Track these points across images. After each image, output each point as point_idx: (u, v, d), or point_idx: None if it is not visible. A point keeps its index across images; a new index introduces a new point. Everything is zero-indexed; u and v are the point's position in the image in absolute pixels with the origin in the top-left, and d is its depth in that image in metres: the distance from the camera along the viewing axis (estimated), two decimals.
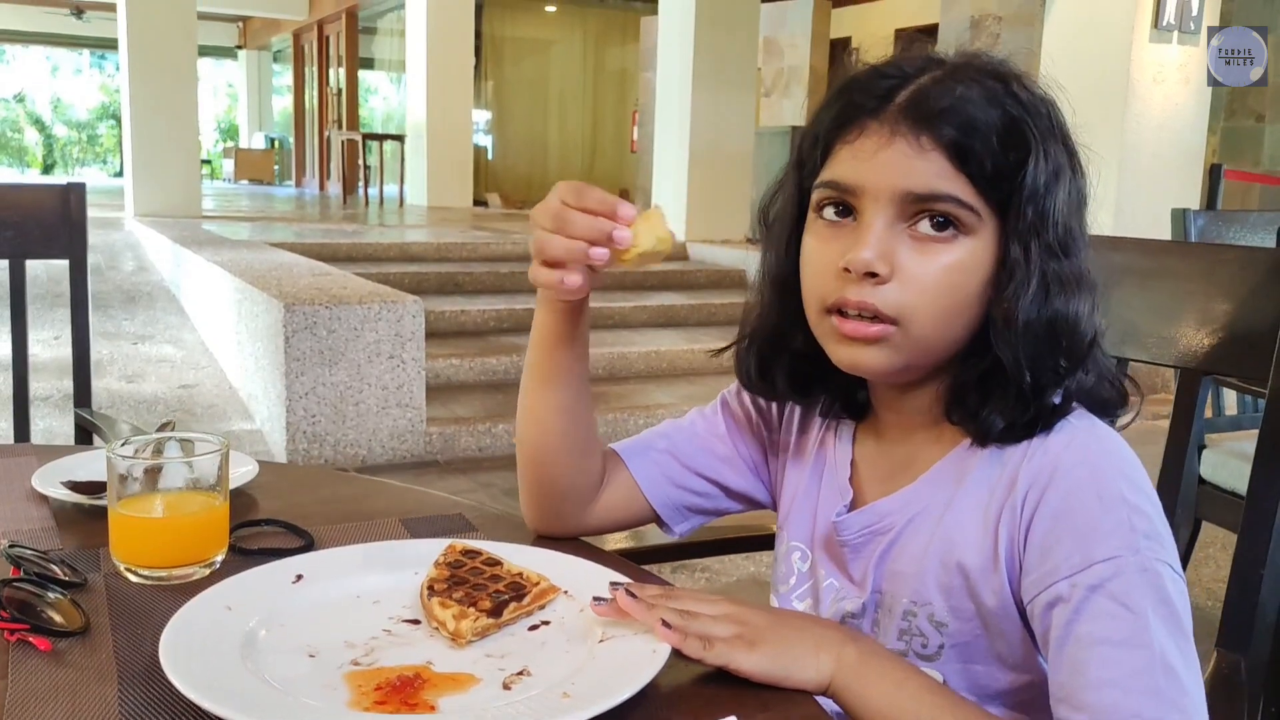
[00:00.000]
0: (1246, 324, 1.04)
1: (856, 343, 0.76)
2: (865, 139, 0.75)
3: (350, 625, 0.75)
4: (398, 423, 3.73)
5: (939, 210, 0.74)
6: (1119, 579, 0.69)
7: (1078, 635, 0.69)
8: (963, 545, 0.78)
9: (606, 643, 0.72)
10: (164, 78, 8.27)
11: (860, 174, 0.75)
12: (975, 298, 0.76)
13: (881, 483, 0.85)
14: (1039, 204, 0.74)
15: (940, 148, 0.73)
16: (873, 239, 0.74)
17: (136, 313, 6.12)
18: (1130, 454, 0.75)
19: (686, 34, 6.91)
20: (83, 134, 26.05)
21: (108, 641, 0.73)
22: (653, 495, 0.95)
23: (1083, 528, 0.71)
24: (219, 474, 0.86)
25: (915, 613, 0.80)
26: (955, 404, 0.79)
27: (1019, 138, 0.74)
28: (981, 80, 0.75)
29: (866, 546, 0.84)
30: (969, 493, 0.78)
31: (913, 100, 0.74)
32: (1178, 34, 5.27)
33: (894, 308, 0.74)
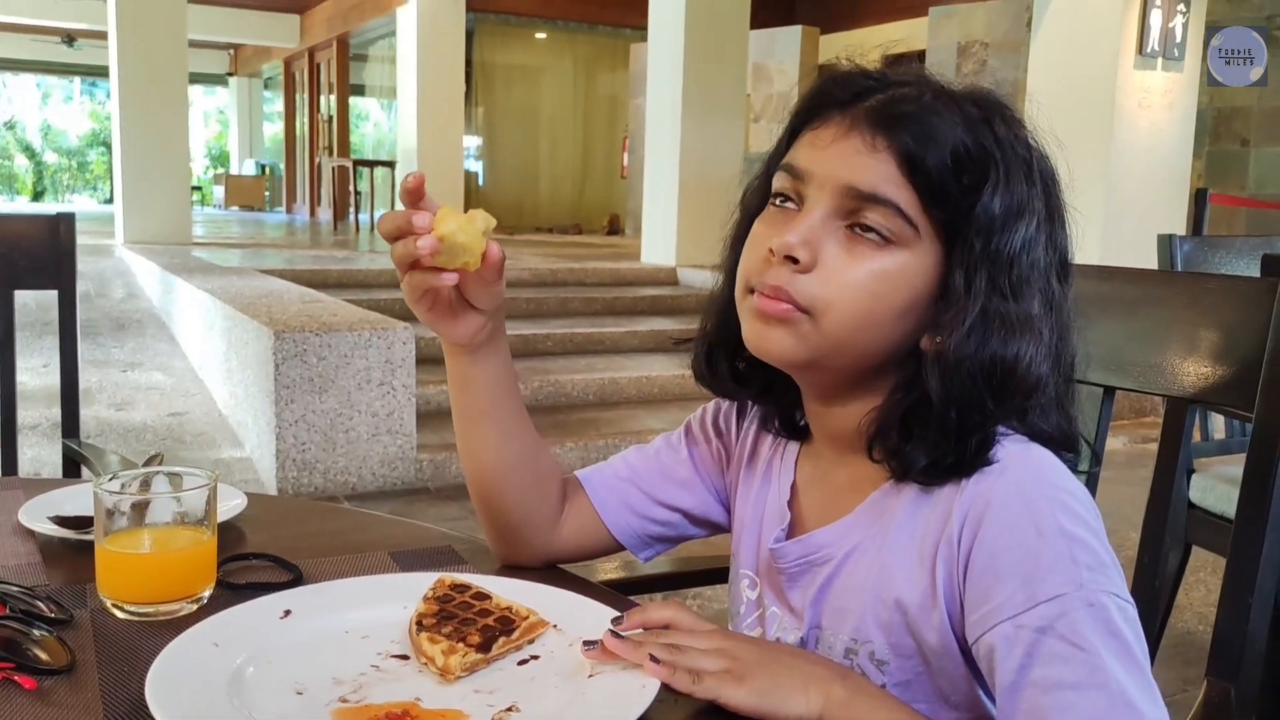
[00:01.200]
0: (1232, 352, 1.04)
1: (766, 321, 0.76)
2: (826, 128, 0.76)
3: (338, 661, 0.75)
4: (388, 450, 3.72)
5: (874, 215, 0.73)
6: (1066, 618, 0.67)
7: (1033, 680, 0.67)
8: (900, 581, 0.76)
9: (596, 678, 0.72)
10: (155, 105, 8.28)
11: (812, 160, 0.76)
12: (897, 313, 0.75)
13: (821, 508, 0.84)
14: (991, 238, 0.73)
15: (892, 151, 0.73)
16: (803, 226, 0.74)
17: (126, 340, 6.10)
18: (1070, 480, 0.74)
19: (676, 61, 6.96)
20: (73, 161, 26.05)
21: (93, 679, 0.73)
22: (614, 525, 0.96)
23: (1023, 564, 0.69)
24: (207, 508, 0.86)
25: (856, 650, 0.79)
26: (877, 437, 0.77)
27: (979, 164, 0.73)
28: (962, 105, 0.75)
29: (803, 576, 0.83)
30: (903, 526, 0.77)
31: (882, 103, 0.75)
32: (1162, 60, 5.33)
33: (806, 298, 0.74)
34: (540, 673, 0.74)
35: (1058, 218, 0.77)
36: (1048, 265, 0.76)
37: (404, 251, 0.78)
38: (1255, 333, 1.01)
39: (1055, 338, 0.76)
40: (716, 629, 0.75)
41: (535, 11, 12.49)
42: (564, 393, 4.61)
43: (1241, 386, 1.02)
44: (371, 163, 11.58)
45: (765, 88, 9.90)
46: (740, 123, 7.39)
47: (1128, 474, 3.59)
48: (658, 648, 0.71)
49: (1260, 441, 0.98)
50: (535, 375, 4.66)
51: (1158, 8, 5.23)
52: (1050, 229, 0.76)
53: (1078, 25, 5.36)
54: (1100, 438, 1.13)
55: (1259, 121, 8.72)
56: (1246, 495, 0.99)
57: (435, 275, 0.79)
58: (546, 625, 0.80)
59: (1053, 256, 0.76)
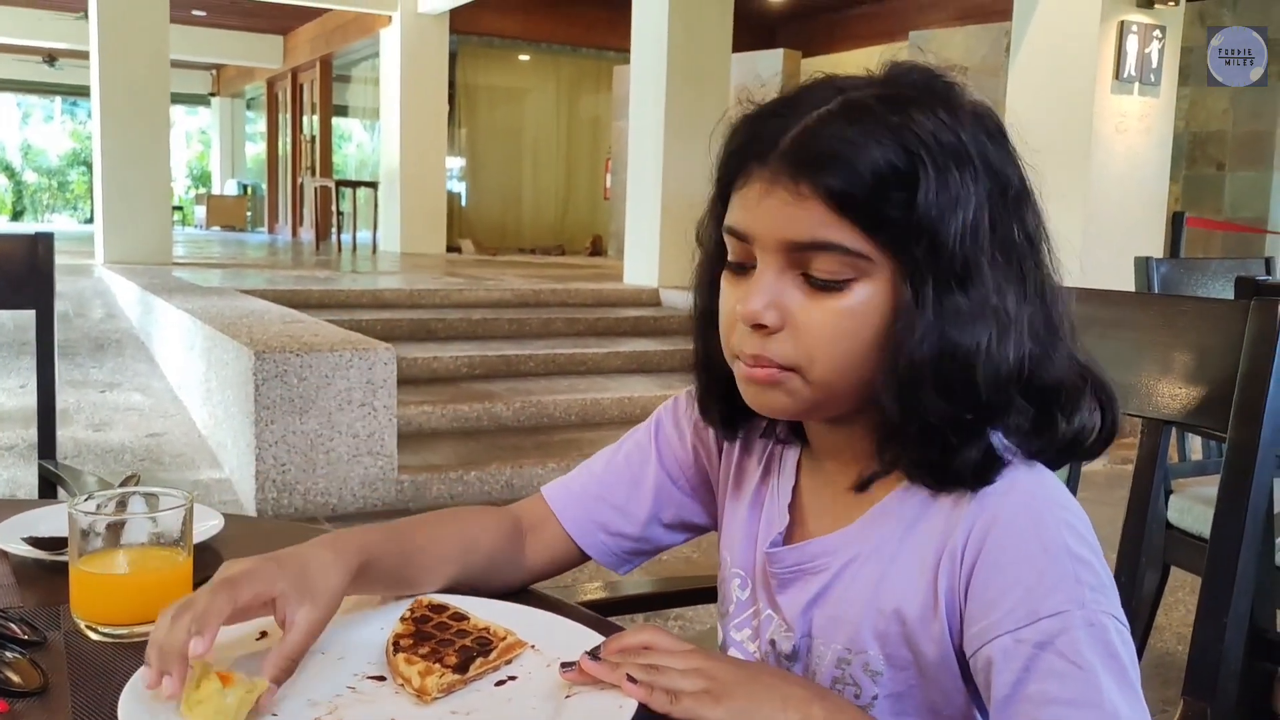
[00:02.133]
0: (1206, 374, 1.05)
1: (758, 385, 0.75)
2: (750, 185, 0.74)
3: (314, 683, 0.74)
4: (369, 471, 3.70)
5: (820, 263, 0.72)
6: (1066, 635, 0.67)
7: (1028, 695, 0.67)
8: (901, 592, 0.76)
9: (573, 698, 0.72)
10: (136, 125, 8.26)
11: (748, 222, 0.74)
12: (876, 342, 0.73)
13: (823, 515, 0.83)
14: (930, 238, 0.70)
15: (818, 196, 0.70)
16: (760, 289, 0.73)
17: (105, 360, 6.06)
18: (1073, 503, 0.74)
19: (659, 83, 7.00)
20: (53, 180, 25.92)
21: (66, 702, 0.72)
22: (589, 547, 0.95)
23: (1027, 580, 0.69)
24: (183, 529, 0.85)
25: (850, 660, 0.79)
26: (885, 443, 0.76)
27: (906, 175, 0.70)
28: (875, 113, 0.71)
29: (795, 583, 0.82)
30: (907, 538, 0.76)
31: (795, 144, 0.72)
32: (1139, 85, 5.39)
33: (786, 358, 0.73)
34: (518, 694, 0.74)
35: (1008, 184, 0.74)
36: (1001, 242, 0.73)
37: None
38: (1229, 354, 1.02)
39: (1032, 313, 0.73)
40: (695, 649, 0.75)
41: (519, 34, 12.54)
42: (546, 413, 4.60)
43: (1216, 407, 1.03)
44: (354, 183, 11.59)
45: None
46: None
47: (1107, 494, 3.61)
48: (635, 668, 0.71)
49: (1233, 462, 0.99)
50: (517, 396, 4.65)
51: (1134, 34, 5.30)
52: (998, 203, 0.73)
53: (1055, 50, 5.42)
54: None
55: (1234, 146, 8.84)
56: (1221, 515, 1.00)
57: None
58: (524, 646, 0.79)
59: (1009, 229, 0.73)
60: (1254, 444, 0.98)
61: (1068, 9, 5.34)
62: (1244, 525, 0.98)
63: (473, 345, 5.42)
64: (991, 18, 8.55)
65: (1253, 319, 1.00)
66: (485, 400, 4.52)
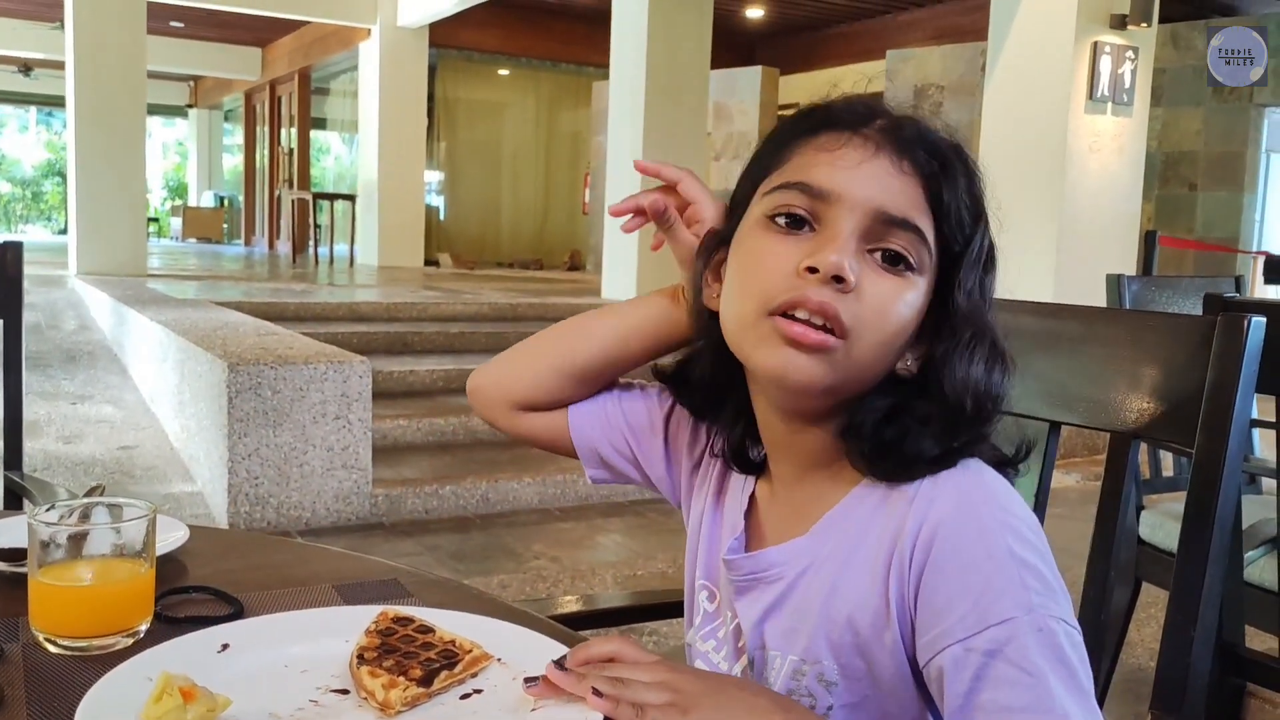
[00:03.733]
0: (1173, 389, 1.06)
1: (796, 348, 0.73)
2: (848, 150, 0.75)
3: (276, 696, 0.73)
4: (343, 484, 3.67)
5: (901, 240, 0.73)
6: (1015, 642, 0.67)
7: (980, 704, 0.68)
8: (853, 600, 0.76)
9: (538, 712, 0.71)
10: (112, 136, 8.21)
11: (839, 181, 0.74)
12: (907, 339, 0.76)
13: (777, 526, 0.84)
14: (981, 269, 0.76)
15: (920, 176, 0.74)
16: (842, 245, 0.72)
17: (77, 372, 6.00)
18: (1017, 503, 0.74)
19: (637, 99, 7.02)
20: (27, 191, 25.71)
21: (22, 715, 0.71)
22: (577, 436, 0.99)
23: (975, 588, 0.69)
24: (145, 540, 0.84)
25: (804, 672, 0.79)
26: (852, 439, 0.77)
27: (978, 200, 0.76)
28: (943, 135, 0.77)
29: (750, 591, 0.82)
30: (858, 546, 0.77)
31: (900, 125, 0.76)
32: (1111, 105, 5.45)
33: (851, 318, 0.72)
34: (483, 707, 0.73)
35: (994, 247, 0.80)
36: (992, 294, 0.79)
37: None
38: (1196, 369, 1.03)
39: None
40: (660, 661, 0.74)
41: (498, 48, 12.56)
42: None
43: (1183, 422, 1.03)
44: (332, 196, 11.54)
45: (726, 126, 10.01)
46: (702, 161, 7.46)
47: (1080, 510, 3.63)
48: (600, 680, 0.71)
49: (1200, 476, 1.00)
50: None
51: (1107, 54, 5.36)
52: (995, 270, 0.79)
53: (1030, 70, 5.48)
54: (1046, 472, 1.14)
55: (1205, 166, 8.95)
56: (1188, 529, 1.01)
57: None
58: (490, 659, 0.79)
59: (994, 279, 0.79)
60: (1220, 458, 0.99)
61: (1042, 30, 5.40)
62: (1211, 539, 0.99)
63: (449, 359, 5.41)
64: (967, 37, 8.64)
65: (1219, 334, 1.01)
66: (462, 414, 4.50)
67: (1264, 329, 1.00)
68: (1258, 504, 2.11)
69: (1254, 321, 0.99)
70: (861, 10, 10.86)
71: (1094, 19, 5.32)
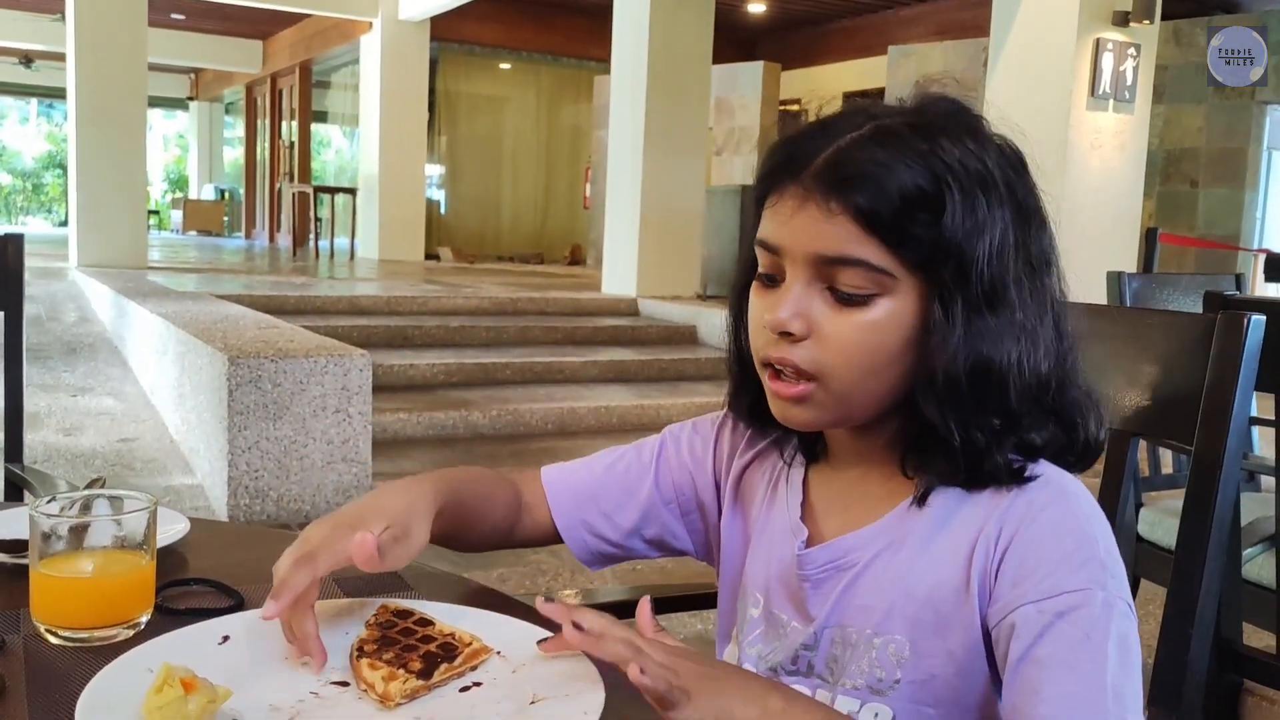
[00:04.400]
0: (1173, 386, 1.06)
1: (784, 400, 0.80)
2: (784, 202, 0.78)
3: (277, 688, 0.74)
4: (343, 478, 3.68)
5: (846, 277, 0.76)
6: (1085, 609, 0.71)
7: (1037, 656, 0.71)
8: (933, 579, 0.79)
9: (538, 704, 0.71)
10: (112, 128, 8.20)
11: (779, 235, 0.78)
12: (897, 355, 0.77)
13: (839, 517, 0.86)
14: (960, 261, 0.75)
15: (847, 212, 0.75)
16: (789, 300, 0.77)
17: (77, 364, 6.00)
18: (1093, 501, 0.78)
19: (638, 94, 7.02)
20: (28, 182, 25.70)
21: (23, 707, 0.71)
22: (571, 540, 1.00)
23: (1056, 557, 0.73)
24: (146, 532, 0.84)
25: (876, 645, 0.81)
26: (908, 453, 0.81)
27: (933, 199, 0.74)
28: (905, 139, 0.75)
29: (828, 582, 0.84)
30: (941, 529, 0.79)
31: (827, 165, 0.76)
32: (1113, 102, 5.45)
33: (811, 364, 0.77)
34: (482, 699, 0.74)
35: (1029, 211, 0.79)
36: (1024, 264, 0.78)
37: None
38: (1195, 367, 1.03)
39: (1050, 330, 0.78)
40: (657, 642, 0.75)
41: (500, 42, 12.54)
42: (522, 421, 4.59)
43: (1182, 419, 1.04)
44: (333, 189, 11.53)
45: (727, 121, 10.00)
46: (702, 156, 7.45)
47: None
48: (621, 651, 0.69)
49: (1199, 473, 1.00)
50: (494, 404, 4.64)
51: (1109, 51, 5.36)
52: (1021, 227, 0.78)
53: (1032, 67, 5.47)
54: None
55: (1207, 164, 8.95)
56: (1186, 527, 1.01)
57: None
58: (490, 652, 0.79)
59: (1030, 252, 0.78)
60: (1219, 455, 0.99)
61: (1044, 26, 5.39)
62: (1209, 536, 0.99)
63: (450, 353, 5.41)
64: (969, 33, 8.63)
65: (1219, 332, 1.01)
66: (461, 408, 4.51)
67: (1264, 327, 1.00)
68: (1257, 501, 2.11)
69: (1254, 320, 1.00)
70: (863, 5, 10.84)
71: (1096, 16, 5.32)
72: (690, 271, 7.16)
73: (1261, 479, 2.38)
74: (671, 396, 5.04)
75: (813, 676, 0.85)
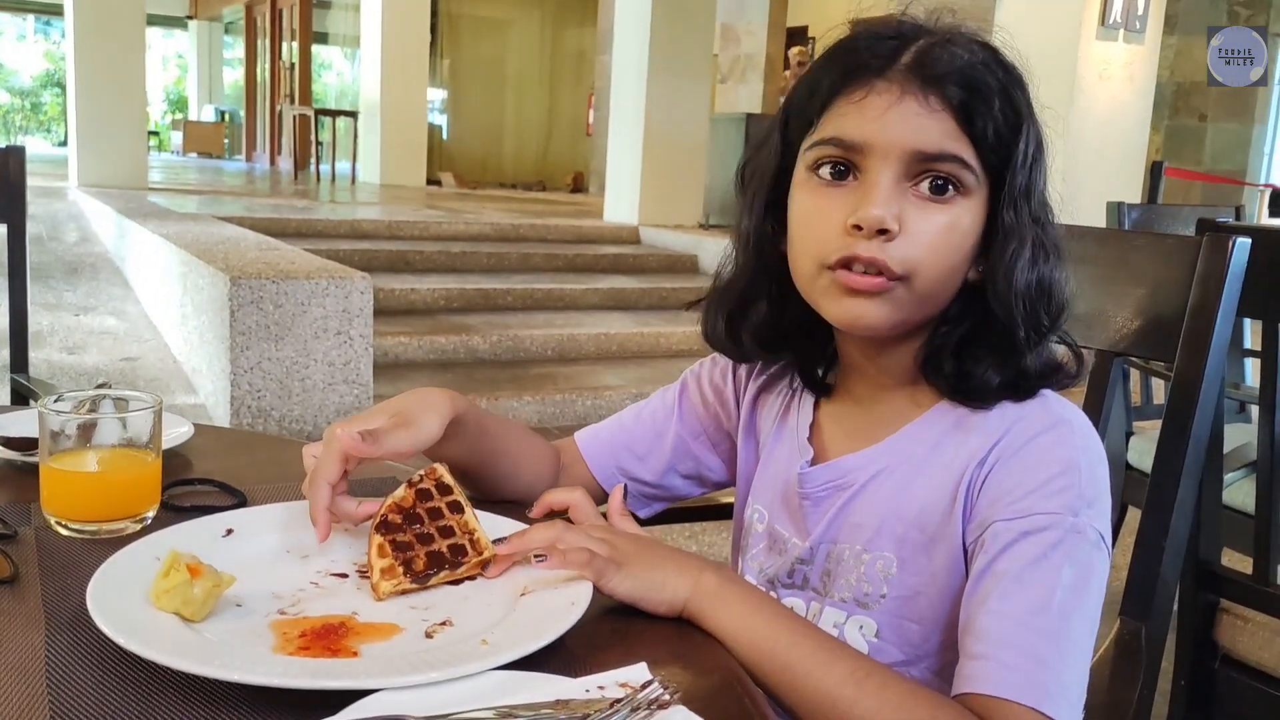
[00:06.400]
0: (1158, 309, 1.08)
1: (859, 296, 0.77)
2: (873, 97, 0.76)
3: (278, 578, 0.77)
4: (344, 399, 3.71)
5: (943, 170, 0.76)
6: (1050, 531, 0.73)
7: (994, 570, 0.73)
8: (923, 501, 0.81)
9: (528, 596, 0.74)
10: (110, 46, 8.09)
11: (867, 131, 0.76)
12: (969, 257, 0.79)
13: (845, 440, 0.88)
14: (1029, 173, 0.78)
15: (949, 108, 0.75)
16: (883, 196, 0.75)
17: (79, 284, 6.01)
18: (1095, 435, 0.80)
19: (643, 19, 6.91)
20: (26, 101, 25.41)
21: (36, 590, 0.74)
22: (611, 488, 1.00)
23: (1036, 481, 0.75)
24: (151, 431, 0.87)
25: (865, 560, 0.84)
26: (934, 364, 0.82)
27: (1015, 106, 0.77)
28: (973, 46, 0.78)
29: (826, 500, 0.87)
30: (934, 454, 0.82)
31: (918, 61, 0.76)
32: (1124, 32, 5.37)
33: (902, 264, 0.76)
34: (474, 592, 0.77)
35: (1042, 134, 0.81)
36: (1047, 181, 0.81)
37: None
38: (1179, 289, 1.05)
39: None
40: (604, 524, 0.81)
41: None
42: (523, 347, 4.62)
43: (1166, 342, 1.05)
44: (334, 112, 11.41)
45: (733, 49, 9.86)
46: (706, 83, 7.37)
47: None
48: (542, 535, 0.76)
49: (1179, 391, 1.02)
50: (495, 330, 4.66)
51: None
52: (1043, 146, 0.80)
53: None
54: None
55: (1216, 98, 8.84)
56: (1163, 444, 1.03)
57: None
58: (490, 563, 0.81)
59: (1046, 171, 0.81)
60: (1199, 375, 1.01)
61: None
62: (1185, 453, 1.01)
63: (451, 278, 5.41)
64: None
65: (1204, 254, 1.02)
66: (462, 333, 4.53)
67: (1248, 250, 1.02)
68: (1247, 432, 2.14)
69: (1238, 242, 1.01)
70: None
71: None
72: (693, 201, 7.12)
73: (1252, 410, 2.40)
74: (672, 325, 5.06)
75: (807, 590, 0.88)
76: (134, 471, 0.86)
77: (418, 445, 0.84)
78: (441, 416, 0.85)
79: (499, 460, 0.95)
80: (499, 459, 0.95)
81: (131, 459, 0.87)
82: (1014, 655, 0.70)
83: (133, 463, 0.86)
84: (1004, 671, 0.69)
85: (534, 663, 0.65)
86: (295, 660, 0.65)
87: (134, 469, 0.86)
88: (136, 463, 0.87)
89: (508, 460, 0.96)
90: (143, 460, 0.87)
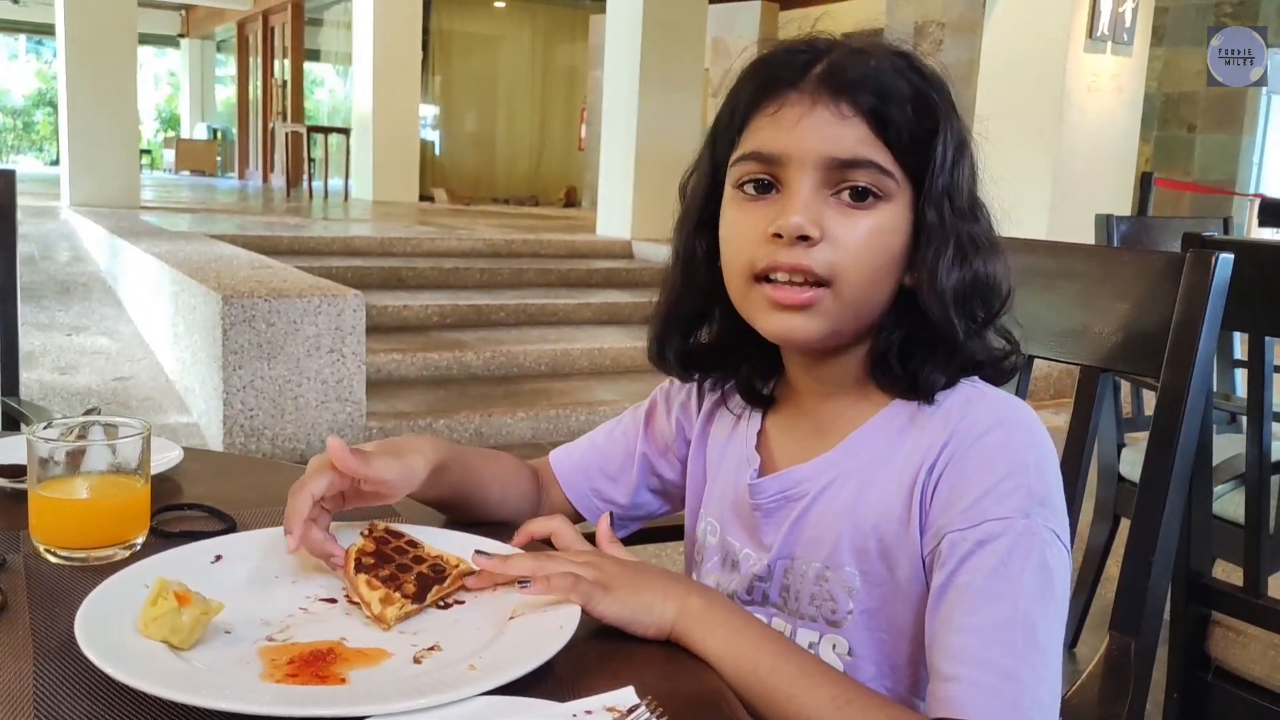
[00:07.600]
0: (1142, 324, 1.08)
1: (788, 310, 0.78)
2: (787, 109, 0.78)
3: (267, 604, 0.77)
4: (337, 417, 3.71)
5: (861, 178, 0.77)
6: (1005, 538, 0.73)
7: (956, 584, 0.73)
8: (879, 509, 0.81)
9: (516, 620, 0.74)
10: (103, 65, 8.11)
11: (783, 143, 0.78)
12: (897, 261, 0.79)
13: (794, 449, 0.88)
14: (949, 173, 0.79)
15: (861, 114, 0.76)
16: (799, 204, 0.76)
17: (71, 304, 6.01)
18: (1041, 429, 0.79)
19: (634, 34, 6.94)
20: (18, 120, 25.42)
21: (24, 618, 0.74)
22: (585, 510, 1.03)
23: (984, 485, 0.75)
24: (140, 457, 0.87)
25: (827, 577, 0.83)
26: (883, 368, 0.82)
27: (929, 108, 0.78)
28: (887, 55, 0.79)
29: (779, 511, 0.87)
30: (887, 459, 0.81)
31: (829, 71, 0.78)
32: (1111, 44, 5.40)
33: (826, 268, 0.77)
34: (463, 615, 0.77)
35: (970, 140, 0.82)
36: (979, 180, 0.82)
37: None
38: (1165, 304, 1.05)
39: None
40: (590, 548, 0.81)
41: None
42: (516, 363, 4.62)
43: (1152, 356, 1.06)
44: (326, 129, 11.43)
45: (724, 62, 9.90)
46: (698, 97, 7.40)
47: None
48: (523, 566, 0.76)
49: (1164, 405, 1.03)
50: (488, 345, 4.66)
51: None
52: (971, 153, 0.82)
53: (1030, 7, 5.42)
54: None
55: (1205, 108, 8.88)
56: (1150, 457, 1.04)
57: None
58: (474, 572, 0.82)
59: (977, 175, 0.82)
60: (1184, 389, 1.02)
61: None
62: (1172, 465, 1.02)
63: (444, 294, 5.42)
64: None
65: (1187, 269, 1.03)
66: (455, 349, 4.53)
67: (1231, 265, 1.02)
68: (1237, 442, 2.14)
69: (1221, 258, 1.02)
70: None
71: None
72: None
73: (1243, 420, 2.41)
74: None
75: (768, 606, 0.88)
76: (123, 498, 0.86)
77: (403, 477, 0.85)
78: (427, 460, 0.87)
79: (488, 487, 0.96)
80: (487, 486, 0.96)
81: (120, 485, 0.87)
82: (985, 674, 0.70)
83: (121, 489, 0.87)
84: (976, 692, 0.69)
85: (522, 687, 0.65)
86: (283, 688, 0.65)
87: (123, 495, 0.86)
88: (125, 489, 0.87)
89: (496, 485, 0.97)
90: (131, 486, 0.87)
